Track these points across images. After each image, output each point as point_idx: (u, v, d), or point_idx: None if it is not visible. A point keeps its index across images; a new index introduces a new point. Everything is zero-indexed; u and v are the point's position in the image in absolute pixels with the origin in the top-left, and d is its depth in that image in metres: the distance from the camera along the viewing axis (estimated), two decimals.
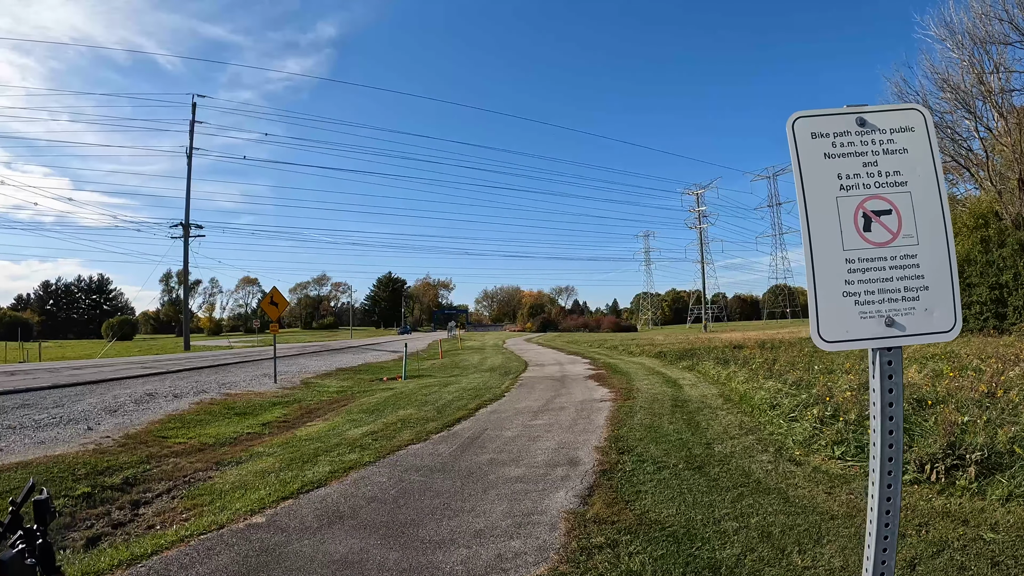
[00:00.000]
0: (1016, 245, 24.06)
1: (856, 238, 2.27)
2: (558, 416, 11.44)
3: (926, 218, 2.28)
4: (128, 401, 14.41)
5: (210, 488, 7.39)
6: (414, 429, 10.41)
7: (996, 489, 5.86)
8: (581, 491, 6.61)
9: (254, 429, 11.52)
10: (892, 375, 2.20)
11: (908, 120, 2.36)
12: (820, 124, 2.36)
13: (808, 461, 7.41)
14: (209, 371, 23.82)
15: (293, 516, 6.07)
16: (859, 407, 8.56)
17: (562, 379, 18.82)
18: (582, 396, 14.27)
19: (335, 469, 7.82)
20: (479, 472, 7.56)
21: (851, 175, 2.31)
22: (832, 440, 7.77)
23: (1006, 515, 5.32)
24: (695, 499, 6.15)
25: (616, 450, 8.31)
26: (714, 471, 7.16)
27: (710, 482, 6.74)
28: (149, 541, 5.51)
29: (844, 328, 2.23)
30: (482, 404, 13.31)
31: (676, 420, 10.35)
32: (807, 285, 2.25)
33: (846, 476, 6.75)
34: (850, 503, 5.84)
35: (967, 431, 7.04)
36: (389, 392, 16.68)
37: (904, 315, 2.23)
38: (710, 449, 8.20)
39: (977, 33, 27.86)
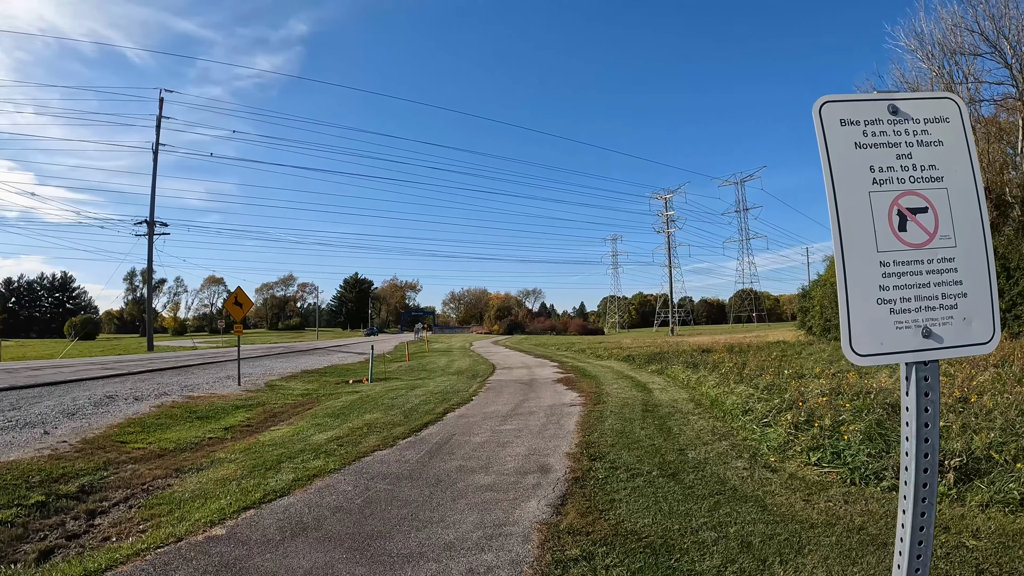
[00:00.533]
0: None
1: (891, 238, 2.07)
2: (527, 421, 11.28)
3: (964, 218, 2.09)
4: (87, 404, 13.91)
5: (169, 497, 7.06)
6: (380, 434, 10.17)
7: (976, 495, 5.83)
8: (553, 500, 6.42)
9: (216, 434, 11.13)
10: (929, 392, 2.00)
11: (943, 110, 2.18)
12: (850, 110, 2.15)
13: (784, 468, 7.31)
14: (172, 372, 23.23)
15: (255, 527, 5.80)
16: (833, 412, 8.51)
17: (530, 383, 18.64)
18: (551, 400, 14.14)
19: (299, 477, 7.55)
20: (448, 480, 7.34)
21: (884, 167, 2.11)
22: (808, 446, 7.69)
23: (987, 521, 5.28)
24: (671, 508, 5.99)
25: (588, 456, 8.14)
26: (689, 478, 7.01)
27: (686, 490, 6.59)
28: (104, 555, 5.20)
29: (879, 340, 2.02)
30: (450, 408, 13.10)
31: (648, 425, 10.20)
32: (839, 291, 2.04)
33: (823, 483, 6.66)
34: (829, 511, 5.74)
35: (943, 437, 7.02)
36: (355, 395, 16.39)
37: (942, 325, 2.03)
38: (684, 455, 8.06)
39: (947, 44, 28.41)
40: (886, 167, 2.11)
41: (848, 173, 2.10)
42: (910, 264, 2.05)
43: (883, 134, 2.13)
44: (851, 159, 2.11)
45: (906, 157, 2.11)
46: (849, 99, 2.16)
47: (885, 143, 2.12)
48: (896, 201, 2.08)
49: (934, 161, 2.11)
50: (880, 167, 2.11)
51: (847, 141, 2.12)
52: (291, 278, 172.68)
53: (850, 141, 2.12)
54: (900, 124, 2.14)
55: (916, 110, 2.16)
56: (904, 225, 2.07)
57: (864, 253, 2.05)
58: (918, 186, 2.09)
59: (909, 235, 2.07)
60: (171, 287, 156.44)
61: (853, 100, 2.16)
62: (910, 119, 2.14)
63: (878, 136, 2.13)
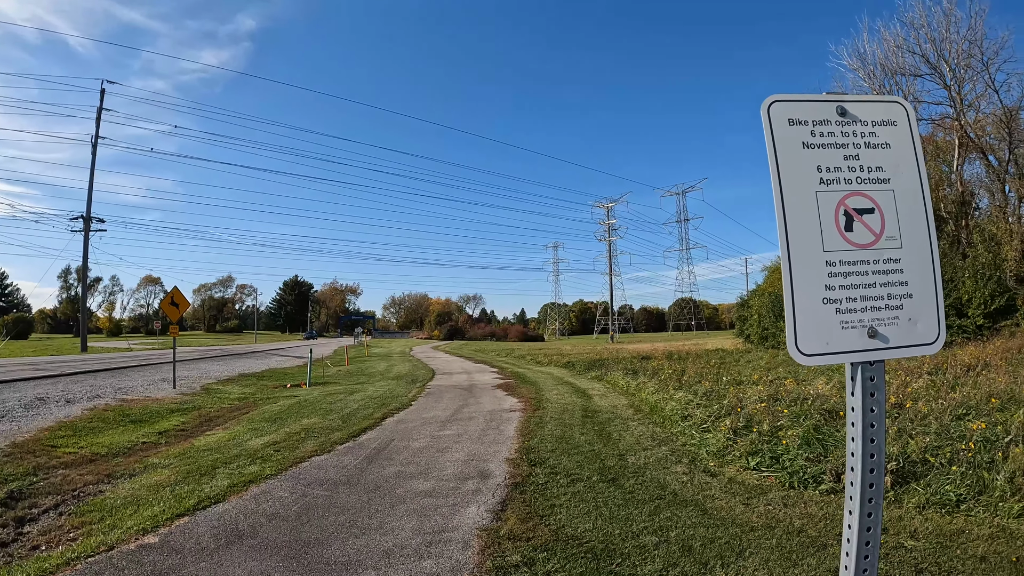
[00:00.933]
0: None
1: (837, 238, 2.06)
2: (467, 426, 11.24)
3: (910, 220, 2.11)
4: (17, 406, 13.37)
5: (101, 504, 6.77)
6: (318, 439, 10.01)
7: (912, 497, 6.00)
8: (493, 506, 6.37)
9: (150, 438, 10.77)
10: (875, 392, 2.01)
11: (891, 113, 2.19)
12: (799, 110, 2.14)
13: (723, 472, 7.40)
14: (105, 374, 22.48)
15: (189, 535, 5.61)
16: (772, 418, 8.67)
17: (470, 388, 18.64)
18: (491, 406, 14.13)
19: (234, 483, 7.36)
20: (387, 486, 7.22)
21: (832, 168, 2.11)
22: (746, 451, 7.82)
23: (924, 522, 5.43)
24: (612, 513, 6.00)
25: (528, 462, 8.13)
26: (629, 483, 7.04)
27: (626, 495, 6.61)
28: (33, 565, 4.96)
29: (824, 340, 2.01)
30: (389, 413, 13.00)
31: (587, 431, 10.25)
32: (784, 290, 2.02)
33: (762, 487, 6.76)
34: (768, 514, 5.82)
35: None
36: (293, 400, 16.12)
37: (887, 325, 2.04)
38: (624, 461, 8.10)
39: (889, 64, 29.56)
40: (833, 167, 2.10)
41: (795, 173, 2.09)
42: (856, 264, 2.05)
43: (831, 135, 2.13)
44: (798, 159, 2.10)
45: (853, 158, 2.12)
46: (798, 99, 2.16)
47: (833, 144, 2.12)
48: (843, 201, 2.08)
49: (881, 163, 2.12)
50: (827, 167, 2.10)
51: (795, 141, 2.12)
52: (230, 279, 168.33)
53: (798, 141, 2.12)
54: (848, 126, 2.14)
55: (865, 112, 2.16)
56: (850, 225, 2.07)
57: (810, 253, 2.04)
58: (865, 187, 2.10)
59: (855, 235, 2.07)
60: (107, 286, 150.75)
61: (802, 100, 2.16)
62: (858, 121, 2.15)
63: (826, 137, 2.13)
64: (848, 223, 2.07)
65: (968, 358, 15.95)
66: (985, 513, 5.61)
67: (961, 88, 27.77)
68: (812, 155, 2.11)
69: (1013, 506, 5.63)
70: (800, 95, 2.16)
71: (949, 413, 8.68)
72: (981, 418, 8.25)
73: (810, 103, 2.15)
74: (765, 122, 2.11)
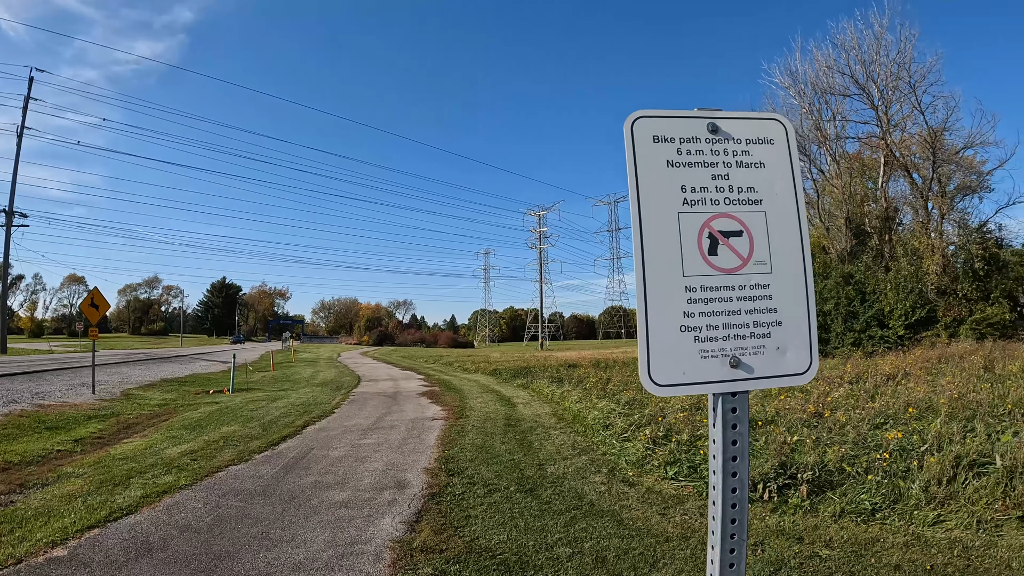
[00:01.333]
0: (839, 278, 26.33)
1: (699, 262, 1.94)
2: (388, 435, 11.12)
3: (782, 243, 2.01)
4: None
5: (11, 515, 6.45)
6: (237, 448, 9.77)
7: (828, 506, 6.09)
8: (408, 517, 6.29)
9: (66, 446, 10.35)
10: (737, 424, 1.90)
11: (767, 131, 2.09)
12: (665, 127, 2.03)
13: (641, 482, 7.41)
14: (23, 378, 21.79)
15: (98, 548, 5.41)
16: (691, 427, 8.76)
17: (395, 395, 18.56)
18: (414, 414, 14.06)
19: (148, 493, 7.11)
20: (302, 496, 7.07)
21: (698, 188, 1.99)
22: (665, 460, 7.85)
23: (839, 531, 5.52)
24: (527, 523, 5.98)
25: (446, 472, 8.06)
26: (547, 493, 7.02)
27: (543, 505, 6.59)
28: None
29: (681, 369, 1.89)
30: (310, 421, 12.81)
31: (509, 440, 10.22)
32: (638, 317, 1.90)
33: (680, 496, 6.79)
34: (684, 524, 5.85)
35: (797, 451, 7.31)
36: (215, 406, 15.70)
37: (752, 355, 1.92)
38: (543, 470, 8.08)
39: (819, 83, 30.56)
40: (699, 187, 2.00)
41: (656, 193, 1.98)
42: (719, 290, 1.94)
43: (700, 153, 2.03)
44: (661, 178, 1.99)
45: (723, 178, 2.02)
46: (666, 115, 2.05)
47: (701, 162, 2.02)
48: (708, 223, 1.98)
49: (753, 183, 2.03)
50: (693, 187, 2.00)
51: (658, 159, 2.00)
52: (156, 280, 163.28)
53: (662, 159, 2.00)
54: (720, 143, 2.04)
55: (739, 130, 2.07)
56: (715, 249, 1.97)
57: (668, 277, 1.92)
58: (734, 208, 2.00)
59: (720, 259, 1.96)
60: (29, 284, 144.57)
61: (670, 116, 2.05)
62: (731, 139, 2.05)
63: (694, 155, 2.02)
64: (712, 246, 1.96)
65: (889, 367, 16.49)
66: (900, 521, 5.72)
67: (888, 109, 28.81)
68: (676, 174, 2.00)
69: (928, 514, 5.76)
70: (669, 111, 2.06)
71: (867, 422, 8.89)
72: (899, 427, 8.49)
73: (679, 119, 2.05)
74: (628, 139, 2.00)
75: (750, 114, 2.09)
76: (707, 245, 1.96)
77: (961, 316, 24.76)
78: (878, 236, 30.09)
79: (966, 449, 6.79)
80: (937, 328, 24.65)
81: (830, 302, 26.14)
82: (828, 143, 31.08)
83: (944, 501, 5.96)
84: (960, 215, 28.64)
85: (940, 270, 26.39)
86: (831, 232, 30.77)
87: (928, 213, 28.78)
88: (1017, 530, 5.36)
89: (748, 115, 2.10)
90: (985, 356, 17.05)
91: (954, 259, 27.42)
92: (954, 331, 24.34)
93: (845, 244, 29.78)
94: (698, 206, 1.98)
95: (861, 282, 26.06)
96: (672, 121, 2.04)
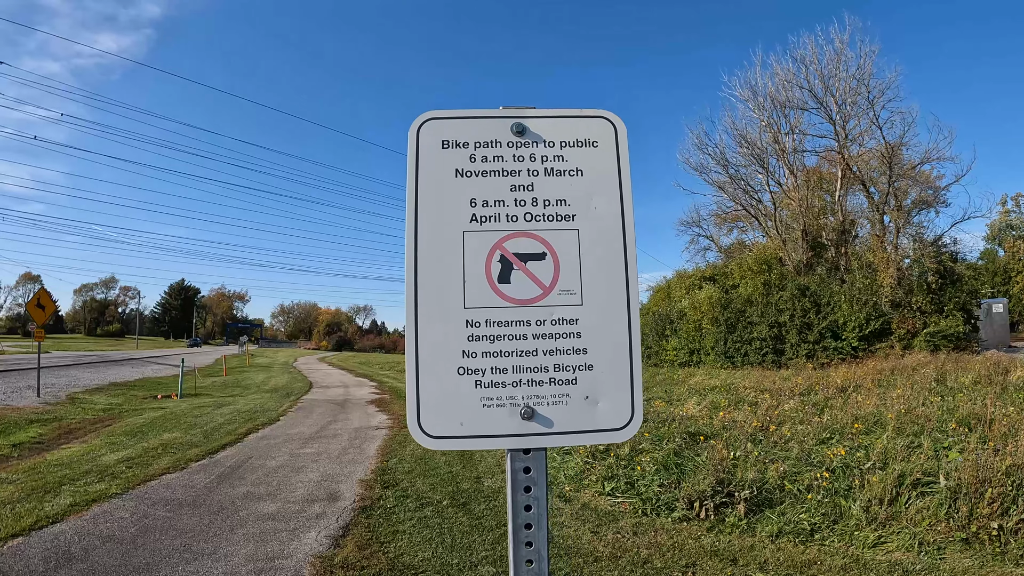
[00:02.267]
0: (795, 289, 26.60)
1: (487, 291, 1.60)
2: (329, 444, 11.04)
3: (599, 268, 1.65)
4: None
5: None
6: (175, 456, 9.63)
7: (766, 526, 5.97)
8: (335, 531, 6.19)
9: (2, 451, 10.25)
10: (531, 486, 1.57)
11: (591, 131, 1.74)
12: (459, 129, 1.70)
13: (578, 497, 7.31)
14: None
15: (19, 557, 5.37)
16: (632, 441, 8.58)
17: (343, 403, 18.60)
18: (359, 423, 14.01)
19: (77, 502, 7.05)
20: (231, 507, 6.98)
21: (491, 202, 1.66)
22: (603, 476, 7.72)
23: (776, 552, 5.42)
24: (455, 540, 5.89)
25: (381, 484, 7.95)
26: (480, 508, 6.92)
27: (474, 520, 6.50)
28: None
29: (458, 420, 1.55)
30: (254, 428, 12.67)
31: (449, 452, 9.95)
32: (407, 355, 1.56)
33: (614, 513, 6.69)
34: (616, 543, 5.77)
35: (739, 468, 7.19)
36: (160, 412, 15.49)
37: (551, 405, 1.57)
38: (479, 484, 7.96)
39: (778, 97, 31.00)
40: (494, 201, 1.66)
41: (438, 208, 1.65)
42: (511, 325, 1.59)
43: (498, 159, 1.70)
44: (446, 190, 1.67)
45: (525, 188, 1.68)
46: (460, 115, 1.73)
47: (498, 170, 1.69)
48: (500, 244, 1.63)
49: (565, 195, 1.69)
50: (485, 200, 1.67)
51: (445, 167, 1.68)
52: (113, 280, 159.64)
53: (449, 167, 1.68)
54: (526, 148, 1.71)
55: (552, 131, 1.74)
56: (507, 275, 1.62)
57: (445, 309, 1.59)
58: (536, 225, 1.66)
59: (513, 288, 1.62)
60: None
61: (466, 117, 1.72)
62: (541, 141, 1.72)
63: (491, 162, 1.69)
64: (505, 272, 1.62)
65: (841, 379, 16.60)
66: (840, 543, 5.64)
67: (846, 123, 29.28)
68: (466, 185, 1.67)
69: (868, 535, 5.67)
70: (465, 111, 1.73)
71: (813, 437, 8.83)
72: (844, 442, 8.43)
73: (477, 120, 1.72)
74: (411, 146, 1.68)
75: (571, 112, 1.77)
76: (497, 271, 1.62)
77: (915, 328, 25.08)
78: (835, 248, 30.49)
79: (910, 467, 6.72)
80: (891, 340, 24.95)
81: (785, 313, 26.42)
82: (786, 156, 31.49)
83: (886, 522, 5.89)
84: (916, 229, 29.19)
85: (895, 283, 26.76)
86: (787, 244, 31.16)
87: (884, 226, 29.21)
88: (960, 553, 5.30)
89: (567, 113, 1.77)
90: (938, 368, 17.26)
91: (909, 272, 27.84)
92: (908, 343, 24.64)
93: (801, 256, 30.13)
94: (489, 223, 1.65)
95: (816, 294, 26.35)
96: (468, 123, 1.72)
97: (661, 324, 33.56)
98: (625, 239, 1.68)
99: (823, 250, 31.02)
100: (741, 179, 34.18)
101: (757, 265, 30.69)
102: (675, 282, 38.66)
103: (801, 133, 31.38)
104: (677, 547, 5.59)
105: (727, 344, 28.56)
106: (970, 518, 5.55)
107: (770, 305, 27.35)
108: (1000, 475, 5.86)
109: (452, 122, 1.72)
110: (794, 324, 26.01)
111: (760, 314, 27.54)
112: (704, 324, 30.13)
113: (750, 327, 27.76)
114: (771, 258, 31.06)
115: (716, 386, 17.24)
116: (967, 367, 17.35)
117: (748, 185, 34.10)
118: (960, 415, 9.66)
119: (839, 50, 28.85)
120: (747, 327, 27.92)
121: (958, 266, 27.91)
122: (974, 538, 5.39)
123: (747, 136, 32.66)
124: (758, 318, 27.52)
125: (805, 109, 30.61)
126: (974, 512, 5.57)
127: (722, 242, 41.34)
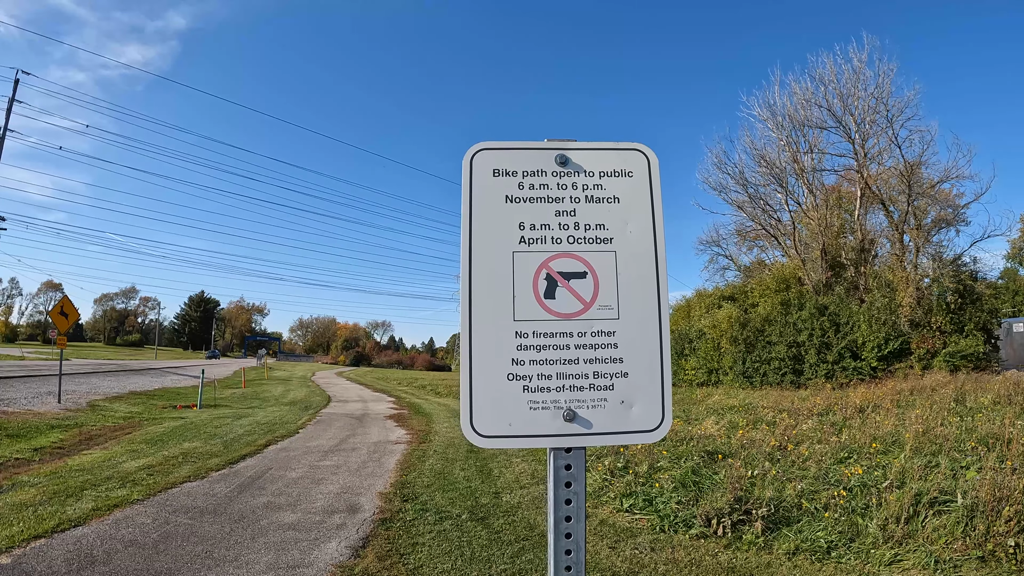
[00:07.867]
0: (814, 309, 26.48)
1: (534, 306, 1.79)
2: (348, 457, 11.07)
3: (634, 286, 1.84)
4: None
5: None
6: (195, 464, 9.71)
7: (783, 543, 5.99)
8: (355, 542, 6.24)
9: (25, 454, 10.37)
10: (571, 483, 1.77)
11: (626, 162, 1.93)
12: (508, 159, 1.89)
13: (596, 513, 7.32)
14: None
15: (42, 558, 5.45)
16: (651, 459, 8.63)
17: (362, 417, 18.60)
18: (378, 437, 14.03)
19: (99, 506, 7.12)
20: (252, 516, 7.04)
21: (538, 225, 1.86)
22: (621, 492, 7.74)
23: (792, 569, 5.44)
24: (473, 553, 5.91)
25: (400, 497, 7.97)
26: (498, 523, 6.93)
27: (492, 534, 6.51)
28: None
29: (507, 421, 1.74)
30: (273, 440, 12.74)
31: (468, 467, 10.15)
32: (461, 363, 1.75)
33: (632, 529, 6.70)
34: (633, 559, 5.78)
35: (757, 486, 7.22)
36: (179, 421, 15.62)
37: (591, 408, 1.76)
38: (498, 499, 7.98)
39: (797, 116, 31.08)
40: (540, 224, 1.86)
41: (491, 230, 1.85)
42: (555, 336, 1.79)
43: (544, 187, 1.90)
44: (497, 215, 1.86)
45: (568, 214, 1.88)
46: (510, 147, 1.92)
47: (544, 197, 1.89)
48: (546, 264, 1.83)
49: (604, 220, 1.89)
50: (533, 224, 1.86)
51: (496, 194, 1.88)
52: (133, 290, 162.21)
53: (500, 194, 1.88)
54: (568, 176, 1.91)
55: (592, 162, 1.93)
56: (552, 292, 1.82)
57: (497, 322, 1.78)
58: (578, 248, 1.86)
59: (558, 303, 1.81)
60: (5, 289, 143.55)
61: (515, 148, 1.92)
62: (583, 171, 1.92)
63: (537, 189, 1.89)
64: (550, 289, 1.82)
65: (860, 399, 16.49)
66: (856, 560, 5.64)
67: (865, 142, 29.25)
68: (515, 210, 1.87)
69: (885, 553, 5.67)
70: (514, 143, 1.93)
71: (831, 456, 8.83)
72: (862, 461, 8.42)
73: (525, 151, 1.92)
74: (465, 174, 1.87)
75: (608, 144, 1.96)
76: (544, 287, 1.82)
77: (935, 348, 24.90)
78: (854, 268, 30.34)
79: (927, 486, 6.71)
80: (911, 360, 24.78)
81: (804, 333, 26.31)
82: (805, 175, 31.50)
83: (902, 540, 5.88)
84: (936, 248, 28.96)
85: (914, 302, 26.57)
86: (807, 263, 31.08)
87: (904, 245, 29.05)
88: (976, 571, 5.29)
89: (606, 145, 1.96)
90: (957, 388, 17.12)
91: (929, 291, 27.64)
92: (927, 363, 24.47)
93: (820, 275, 30.04)
94: (536, 245, 1.85)
95: (835, 313, 26.24)
96: (516, 153, 1.92)
97: (680, 343, 33.48)
98: (657, 260, 1.87)
99: (842, 269, 30.90)
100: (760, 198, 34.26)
101: (776, 284, 30.67)
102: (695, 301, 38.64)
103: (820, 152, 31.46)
104: (694, 563, 5.61)
105: (746, 364, 28.46)
106: (987, 536, 5.54)
107: (789, 324, 27.27)
108: (1018, 493, 5.85)
109: (502, 152, 1.91)
110: (813, 344, 25.91)
111: (779, 333, 27.47)
112: (723, 343, 30.06)
113: (769, 347, 27.68)
114: (790, 277, 31.02)
115: (734, 406, 17.22)
116: (986, 387, 17.21)
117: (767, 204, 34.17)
118: (979, 435, 9.62)
119: (858, 69, 28.94)
120: (766, 347, 27.84)
121: (978, 285, 27.62)
122: (990, 556, 5.39)
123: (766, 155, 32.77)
124: (777, 337, 27.45)
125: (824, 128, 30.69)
126: (991, 530, 5.57)
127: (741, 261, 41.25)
